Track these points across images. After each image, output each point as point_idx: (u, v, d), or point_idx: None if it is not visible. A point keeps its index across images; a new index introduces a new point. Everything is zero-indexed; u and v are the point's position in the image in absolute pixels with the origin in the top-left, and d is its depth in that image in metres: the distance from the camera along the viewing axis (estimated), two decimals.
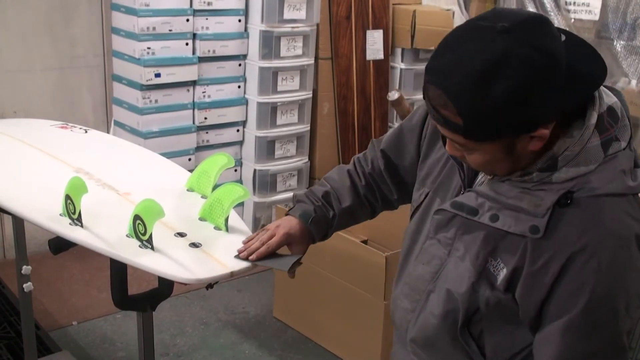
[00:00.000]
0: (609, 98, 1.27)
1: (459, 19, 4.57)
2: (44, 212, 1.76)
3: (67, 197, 1.69)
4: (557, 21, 4.21)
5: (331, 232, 1.69)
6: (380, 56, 4.42)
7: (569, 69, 1.17)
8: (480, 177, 1.38)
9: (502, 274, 1.28)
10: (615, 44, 4.01)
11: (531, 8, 4.34)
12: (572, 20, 4.16)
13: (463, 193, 1.38)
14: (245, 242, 1.63)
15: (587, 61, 1.22)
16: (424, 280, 1.44)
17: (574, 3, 4.16)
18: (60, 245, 1.90)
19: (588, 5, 4.11)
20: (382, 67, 4.45)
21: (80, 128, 2.48)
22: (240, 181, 4.19)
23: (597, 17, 4.09)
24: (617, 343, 1.24)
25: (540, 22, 1.17)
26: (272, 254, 1.59)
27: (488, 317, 1.34)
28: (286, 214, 1.67)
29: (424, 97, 1.24)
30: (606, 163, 1.23)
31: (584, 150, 1.22)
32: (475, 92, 1.13)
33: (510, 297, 1.29)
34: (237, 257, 1.60)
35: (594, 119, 1.22)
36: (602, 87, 1.27)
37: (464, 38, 1.18)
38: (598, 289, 1.19)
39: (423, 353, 1.48)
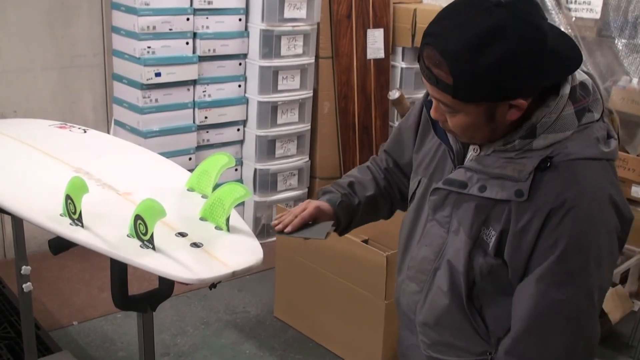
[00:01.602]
0: (580, 75, 1.38)
1: None
2: (44, 213, 1.75)
3: (68, 197, 1.68)
4: (558, 19, 4.20)
5: (355, 221, 1.74)
6: (381, 55, 4.41)
7: (552, 49, 1.27)
8: (469, 156, 1.45)
9: (493, 240, 1.37)
10: (616, 42, 4.00)
11: None
12: (574, 18, 4.15)
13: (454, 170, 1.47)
14: (277, 218, 1.68)
15: (567, 47, 1.32)
16: (429, 260, 1.50)
17: (575, 2, 4.15)
18: (60, 245, 1.89)
19: (589, 3, 4.10)
20: (383, 66, 4.45)
21: (79, 128, 2.47)
22: (240, 180, 4.18)
23: (598, 16, 4.08)
24: (588, 294, 1.31)
25: (532, 2, 1.27)
26: (305, 225, 1.64)
27: (484, 290, 1.43)
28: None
29: (418, 60, 1.33)
30: (581, 132, 1.33)
31: (560, 118, 1.32)
32: (469, 55, 1.22)
33: (501, 262, 1.37)
34: (277, 231, 1.65)
35: (567, 89, 1.32)
36: (582, 73, 1.39)
37: (462, 8, 1.27)
38: (571, 240, 1.28)
39: (433, 333, 1.53)
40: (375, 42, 4.37)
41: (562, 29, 4.17)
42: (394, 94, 4.02)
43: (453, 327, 1.49)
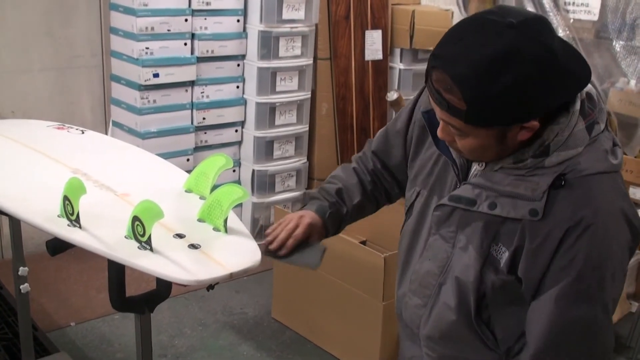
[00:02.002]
0: (588, 86, 1.36)
1: (458, 19, 4.56)
2: (41, 213, 1.75)
3: (65, 198, 1.68)
4: (557, 21, 4.21)
5: (342, 227, 1.75)
6: (379, 56, 4.42)
7: (563, 68, 1.25)
8: (473, 170, 1.43)
9: (505, 257, 1.35)
10: (614, 44, 4.01)
11: (530, 8, 4.34)
12: (572, 20, 4.16)
13: (459, 187, 1.44)
14: (269, 232, 1.67)
15: (577, 64, 1.29)
16: (433, 274, 1.49)
17: (573, 3, 4.15)
18: (58, 246, 1.89)
19: (587, 5, 4.10)
20: (381, 67, 4.45)
21: (77, 129, 2.47)
22: (238, 182, 4.18)
23: (596, 18, 4.09)
24: (604, 309, 1.31)
25: (543, 21, 1.26)
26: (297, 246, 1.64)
27: (494, 302, 1.41)
28: (300, 209, 1.72)
29: (425, 82, 1.31)
30: (591, 145, 1.32)
31: (572, 135, 1.30)
32: (483, 79, 1.20)
33: (513, 279, 1.36)
34: (266, 252, 1.64)
35: (578, 105, 1.31)
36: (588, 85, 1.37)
37: (472, 29, 1.24)
38: (589, 259, 1.27)
39: (438, 347, 1.52)
40: (373, 44, 4.37)
41: (560, 31, 4.18)
42: (392, 95, 4.02)
43: (460, 341, 1.48)
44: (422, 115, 1.51)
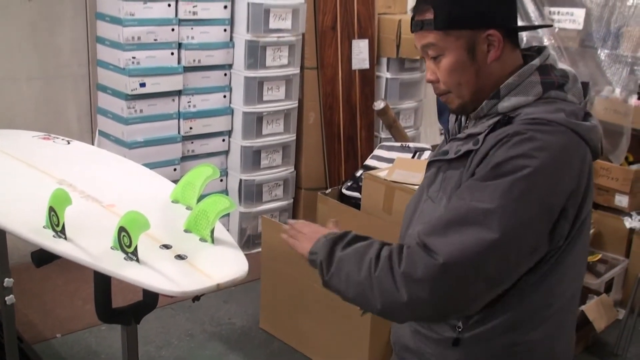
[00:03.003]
0: (567, 67, 1.48)
1: None
2: (27, 224, 1.74)
3: (51, 209, 1.68)
4: (542, 30, 4.24)
5: None
6: (366, 66, 4.43)
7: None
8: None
9: None
10: (599, 52, 4.04)
11: None
12: (557, 29, 4.18)
13: None
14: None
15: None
16: None
17: (558, 12, 4.18)
18: (43, 257, 1.88)
19: (572, 14, 4.13)
20: (368, 77, 4.46)
21: (63, 139, 2.46)
22: (225, 191, 4.17)
23: (581, 26, 4.12)
24: (512, 211, 1.29)
25: None
26: None
27: None
28: None
29: (411, 29, 1.48)
30: (547, 103, 1.40)
31: (524, 83, 1.42)
32: None
33: None
34: None
35: (537, 61, 1.44)
36: (563, 64, 1.49)
37: None
38: (502, 165, 1.31)
39: None
40: (360, 53, 4.38)
41: (545, 39, 4.21)
42: (379, 105, 4.03)
43: None
44: (437, 99, 1.62)
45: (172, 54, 3.73)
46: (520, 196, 1.29)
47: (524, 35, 4.34)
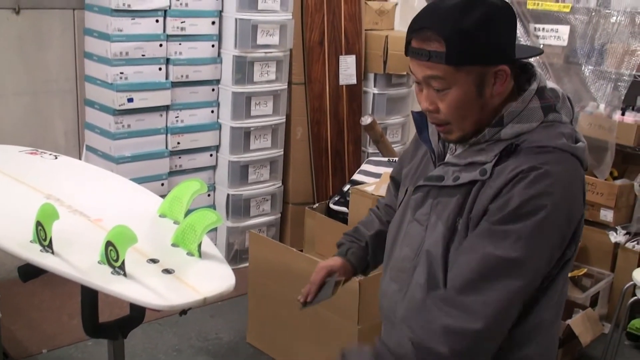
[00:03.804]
0: (554, 85, 1.49)
1: None
2: (14, 239, 1.74)
3: (38, 224, 1.68)
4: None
5: (370, 259, 1.81)
6: (353, 81, 4.45)
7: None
8: (448, 156, 1.53)
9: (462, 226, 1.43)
10: (583, 68, 4.08)
11: None
12: (542, 45, 4.22)
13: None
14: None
15: (524, 45, 1.48)
16: (409, 259, 1.54)
17: (543, 29, 4.22)
18: (30, 272, 1.88)
19: (557, 31, 4.18)
20: (355, 92, 4.48)
21: (50, 154, 2.47)
22: (213, 206, 4.17)
23: (565, 43, 4.16)
24: (532, 256, 1.34)
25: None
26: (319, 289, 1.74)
27: None
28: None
29: (406, 53, 1.44)
30: (547, 126, 1.42)
31: (526, 109, 1.42)
32: (456, 19, 1.35)
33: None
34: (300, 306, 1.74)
35: (534, 85, 1.44)
36: (549, 82, 1.50)
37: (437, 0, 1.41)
38: (521, 206, 1.33)
39: None
40: (347, 69, 4.41)
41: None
42: (366, 120, 4.06)
43: None
44: (412, 114, 1.61)
45: (160, 69, 3.74)
46: (544, 237, 1.34)
47: None
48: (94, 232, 1.81)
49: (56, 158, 2.43)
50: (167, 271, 1.65)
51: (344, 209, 3.52)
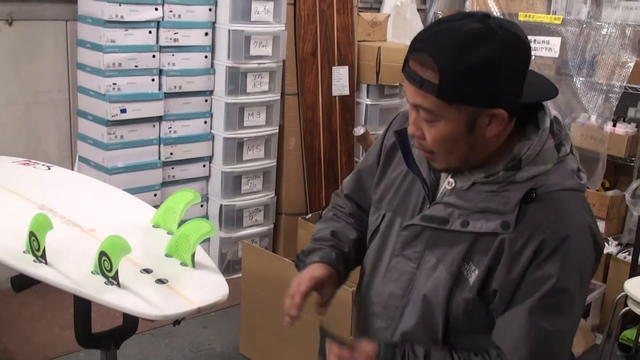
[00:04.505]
0: (554, 111, 1.43)
1: None
2: (6, 250, 1.74)
3: (32, 234, 1.68)
4: None
5: (349, 268, 1.66)
6: (346, 92, 4.47)
7: (529, 78, 1.33)
8: (442, 189, 1.44)
9: (474, 275, 1.36)
10: (574, 80, 4.10)
11: None
12: (533, 57, 4.25)
13: (429, 207, 1.44)
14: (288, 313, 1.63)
15: (542, 79, 1.41)
16: (396, 296, 1.48)
17: (535, 41, 4.25)
18: (23, 282, 1.87)
19: (548, 42, 4.21)
20: (348, 103, 4.50)
21: (43, 165, 2.46)
22: (206, 216, 4.17)
23: (557, 55, 4.19)
24: (575, 321, 1.37)
25: (514, 22, 1.38)
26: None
27: (458, 328, 1.41)
28: (304, 267, 1.62)
29: (403, 69, 1.34)
30: (559, 164, 1.37)
31: (543, 151, 1.35)
32: (456, 53, 1.25)
33: (479, 300, 1.36)
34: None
35: (548, 123, 1.37)
36: (550, 107, 1.43)
37: (450, 19, 1.32)
38: (562, 273, 1.30)
39: None
40: (340, 79, 4.42)
41: None
42: (359, 130, 4.07)
43: None
44: (394, 134, 1.52)
45: (153, 80, 3.75)
46: (584, 291, 1.37)
47: None
48: (87, 243, 1.81)
49: (49, 169, 2.43)
50: (160, 281, 1.65)
51: None
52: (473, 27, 1.26)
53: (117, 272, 1.58)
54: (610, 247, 3.89)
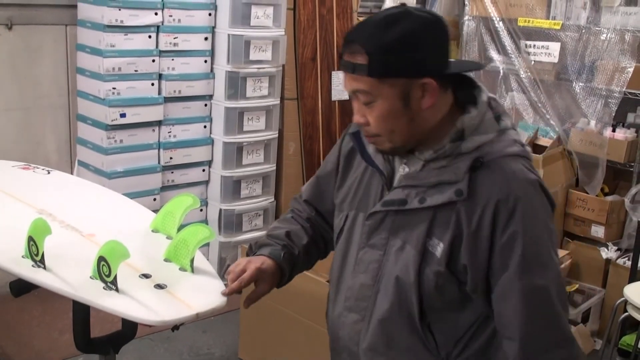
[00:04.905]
0: (490, 94, 1.53)
1: None
2: (5, 254, 1.74)
3: (30, 239, 1.68)
4: (518, 63, 4.31)
5: (295, 271, 1.74)
6: (346, 97, 4.46)
7: (449, 36, 1.46)
8: (397, 176, 1.53)
9: (439, 249, 1.43)
10: (574, 85, 4.11)
11: (493, 51, 4.44)
12: (532, 62, 4.25)
13: (388, 193, 1.52)
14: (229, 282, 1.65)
15: (467, 61, 1.54)
16: (367, 286, 1.54)
17: (534, 46, 4.26)
18: (22, 287, 1.87)
19: (547, 48, 4.21)
20: (348, 108, 4.50)
21: (43, 169, 2.46)
22: (205, 221, 4.17)
23: (556, 60, 4.19)
24: (557, 265, 1.44)
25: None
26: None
27: (432, 306, 1.47)
28: (253, 255, 1.70)
29: (340, 68, 1.46)
30: (501, 135, 1.47)
31: (483, 122, 1.46)
32: (378, 32, 1.39)
33: (449, 273, 1.43)
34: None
35: (485, 97, 1.49)
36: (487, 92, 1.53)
37: (374, 15, 1.46)
38: (527, 231, 1.38)
39: (382, 357, 1.54)
40: (339, 84, 4.42)
41: (522, 72, 4.27)
42: None
43: (403, 348, 1.51)
44: (350, 136, 1.63)
45: (153, 84, 3.75)
46: (553, 236, 1.45)
47: (500, 68, 4.41)
48: (86, 247, 1.80)
49: (49, 173, 2.43)
50: (159, 286, 1.64)
51: None
52: (390, 12, 1.41)
53: (115, 277, 1.58)
54: (610, 252, 3.89)
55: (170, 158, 3.91)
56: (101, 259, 1.59)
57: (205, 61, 3.93)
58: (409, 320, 1.48)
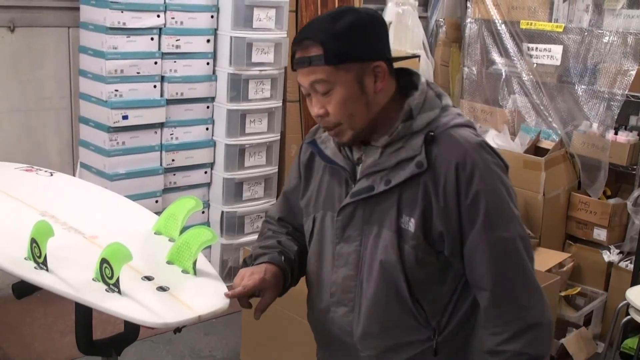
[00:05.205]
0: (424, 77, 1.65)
1: (425, 63, 4.65)
2: (8, 256, 1.74)
3: (33, 241, 1.68)
4: (520, 66, 4.31)
5: (295, 275, 1.75)
6: None
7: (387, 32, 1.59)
8: (359, 169, 1.59)
9: (412, 224, 1.51)
10: (576, 88, 4.11)
11: (495, 53, 4.45)
12: (535, 65, 4.26)
13: (354, 186, 1.58)
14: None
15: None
16: (350, 277, 1.60)
17: (536, 48, 4.26)
18: (24, 289, 1.87)
19: (550, 50, 4.21)
20: None
21: (46, 171, 2.46)
22: (207, 223, 4.17)
23: (558, 62, 4.19)
24: (519, 217, 1.53)
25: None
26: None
27: (416, 279, 1.54)
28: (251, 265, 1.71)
29: (293, 69, 1.55)
30: (445, 111, 1.57)
31: (427, 99, 1.56)
32: (328, 24, 1.50)
33: (427, 244, 1.51)
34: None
35: (424, 78, 1.61)
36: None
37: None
38: (487, 188, 1.48)
39: (378, 340, 1.59)
40: None
41: (524, 75, 4.27)
42: None
43: (397, 326, 1.57)
44: (307, 145, 1.71)
45: (155, 86, 3.75)
46: (515, 204, 1.55)
47: (503, 71, 4.41)
48: (88, 249, 1.80)
49: (52, 175, 2.43)
50: (161, 289, 1.64)
51: None
52: (334, 10, 1.54)
53: (118, 280, 1.58)
54: (612, 256, 3.88)
55: (173, 160, 3.91)
56: (104, 261, 1.59)
57: (208, 63, 3.93)
58: (397, 299, 1.55)
